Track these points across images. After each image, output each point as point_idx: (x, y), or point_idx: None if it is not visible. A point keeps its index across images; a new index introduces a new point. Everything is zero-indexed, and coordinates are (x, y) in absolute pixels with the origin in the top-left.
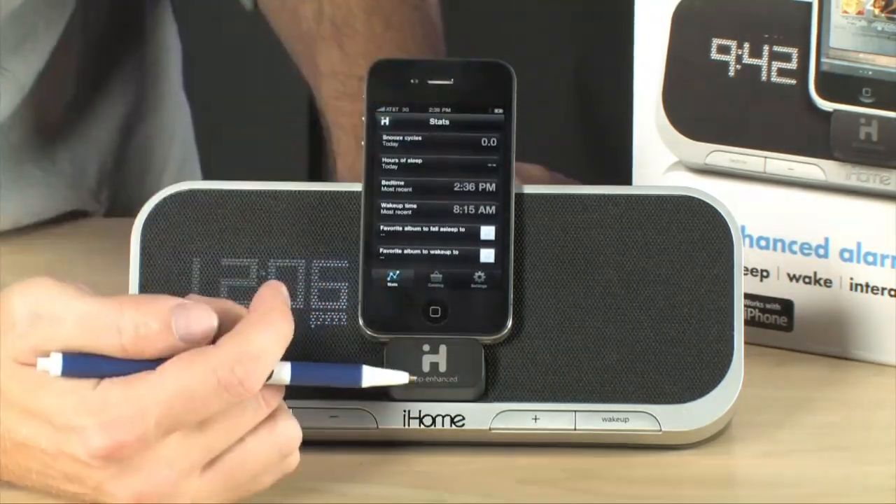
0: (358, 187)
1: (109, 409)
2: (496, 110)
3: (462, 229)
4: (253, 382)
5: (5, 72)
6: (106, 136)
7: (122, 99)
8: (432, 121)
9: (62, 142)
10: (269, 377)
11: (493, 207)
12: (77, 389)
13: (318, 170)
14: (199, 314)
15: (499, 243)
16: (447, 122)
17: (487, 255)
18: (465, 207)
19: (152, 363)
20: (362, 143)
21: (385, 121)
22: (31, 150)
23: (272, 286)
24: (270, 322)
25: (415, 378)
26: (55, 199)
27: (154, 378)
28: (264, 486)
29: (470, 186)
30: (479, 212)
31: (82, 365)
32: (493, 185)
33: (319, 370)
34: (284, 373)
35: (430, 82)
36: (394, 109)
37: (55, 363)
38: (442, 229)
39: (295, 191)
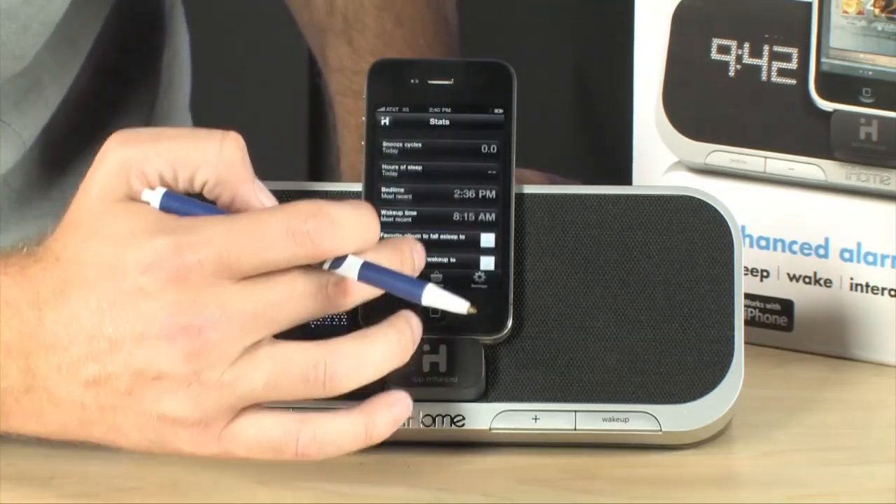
0: (358, 187)
1: (180, 231)
2: (496, 110)
3: (462, 237)
4: (323, 239)
5: (5, 125)
6: None
7: (136, 115)
8: (432, 121)
9: (73, 169)
10: (341, 264)
11: (493, 214)
12: (162, 218)
13: (319, 170)
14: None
15: (499, 250)
16: (447, 123)
17: (487, 263)
18: (465, 214)
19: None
20: (362, 143)
21: (385, 121)
22: (37, 189)
23: (362, 200)
24: (360, 209)
25: (474, 310)
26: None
27: (230, 215)
28: (290, 396)
29: (470, 193)
30: (480, 218)
31: (181, 202)
32: (494, 186)
33: (387, 275)
34: (354, 264)
35: (431, 82)
36: (394, 110)
37: (156, 195)
38: (442, 237)
39: (295, 191)
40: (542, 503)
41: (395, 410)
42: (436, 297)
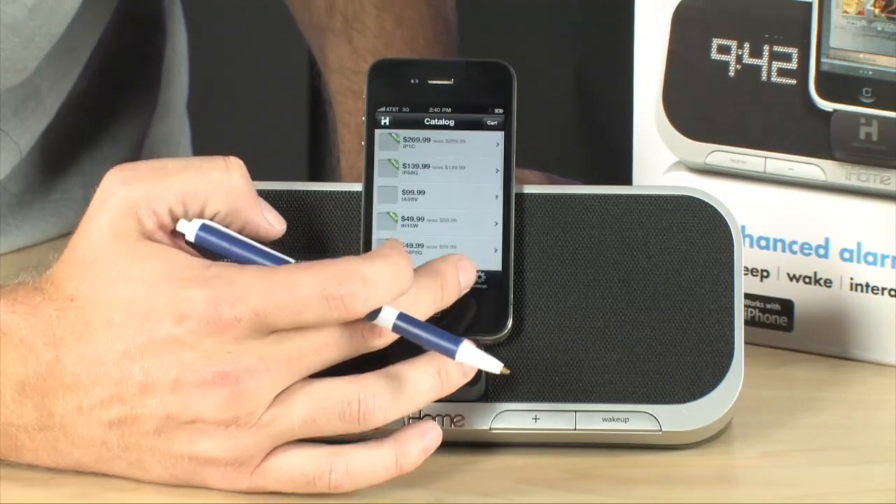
0: (358, 187)
1: (215, 283)
2: (496, 110)
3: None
4: (356, 303)
5: (3, 133)
6: (120, 153)
7: (136, 118)
8: (432, 121)
9: (74, 170)
10: (376, 317)
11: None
12: (191, 264)
13: (319, 170)
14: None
15: (499, 244)
16: (447, 123)
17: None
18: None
19: (278, 258)
20: (362, 142)
21: (385, 121)
22: (38, 191)
23: (395, 243)
24: (392, 260)
25: (507, 371)
26: (64, 224)
27: (266, 270)
28: (330, 432)
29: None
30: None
31: (217, 235)
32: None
33: (423, 328)
34: (389, 316)
35: (431, 82)
36: (394, 109)
37: (192, 227)
38: None
39: (295, 191)
40: (541, 503)
41: (425, 441)
42: (470, 355)
